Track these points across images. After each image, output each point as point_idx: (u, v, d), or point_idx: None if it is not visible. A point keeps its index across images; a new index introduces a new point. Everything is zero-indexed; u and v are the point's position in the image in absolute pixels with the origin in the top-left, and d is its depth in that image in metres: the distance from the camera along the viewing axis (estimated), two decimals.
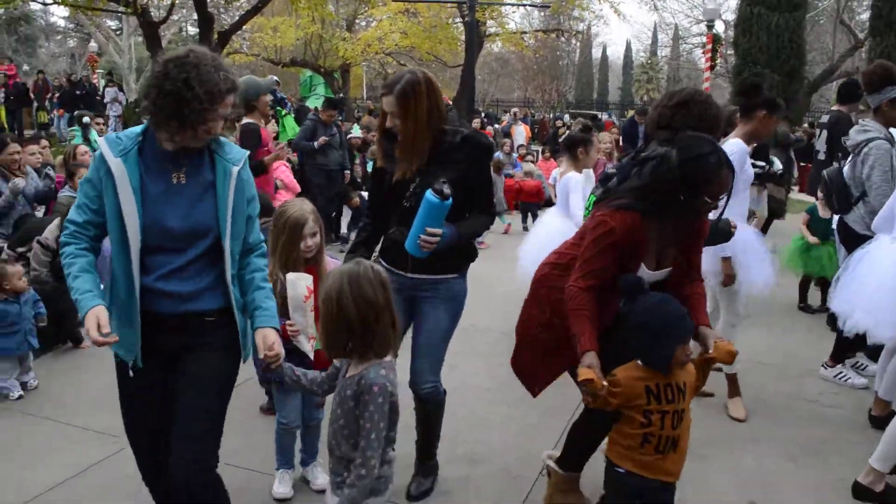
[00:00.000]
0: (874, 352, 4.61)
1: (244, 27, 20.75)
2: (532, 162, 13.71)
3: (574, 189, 5.24)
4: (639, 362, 2.62)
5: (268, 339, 2.45)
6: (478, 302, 3.31)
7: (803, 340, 5.89)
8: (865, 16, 19.60)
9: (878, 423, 4.07)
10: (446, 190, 2.85)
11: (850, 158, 4.77)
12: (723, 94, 21.87)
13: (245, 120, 5.84)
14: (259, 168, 5.40)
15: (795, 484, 3.65)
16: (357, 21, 30.17)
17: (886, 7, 12.66)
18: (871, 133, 4.52)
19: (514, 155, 13.61)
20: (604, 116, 27.59)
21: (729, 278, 4.21)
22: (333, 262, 3.34)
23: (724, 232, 3.69)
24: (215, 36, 16.50)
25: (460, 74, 22.64)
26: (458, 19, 24.36)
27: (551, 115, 30.91)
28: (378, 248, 3.38)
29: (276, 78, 16.28)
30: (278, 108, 12.65)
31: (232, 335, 2.54)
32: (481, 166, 3.19)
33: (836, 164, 5.08)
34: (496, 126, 20.59)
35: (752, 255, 4.27)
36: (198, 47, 2.39)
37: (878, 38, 12.90)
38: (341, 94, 26.56)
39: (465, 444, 3.88)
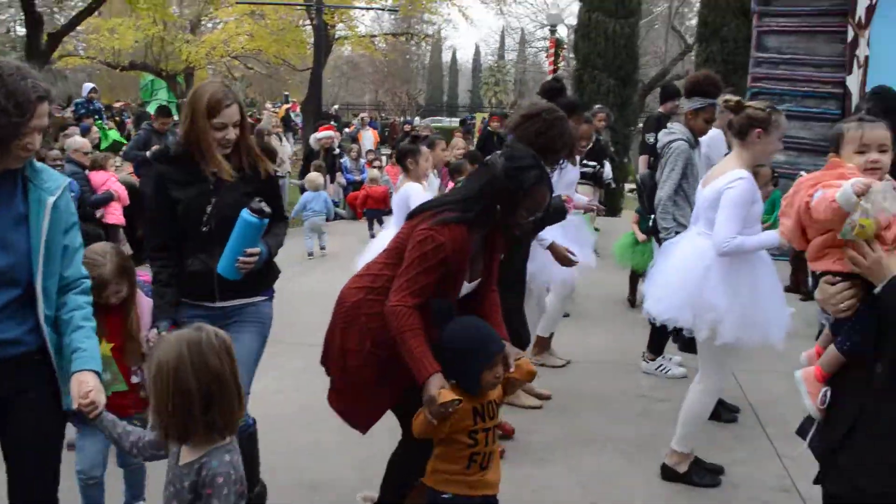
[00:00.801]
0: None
1: (78, 28, 19.51)
2: (379, 168, 13.62)
3: (415, 200, 5.00)
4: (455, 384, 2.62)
5: (84, 385, 2.21)
6: (320, 318, 3.18)
7: (638, 335, 6.02)
8: (695, 22, 20.91)
9: None
10: (266, 209, 2.82)
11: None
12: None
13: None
14: None
15: (631, 480, 3.81)
16: (202, 23, 29.08)
17: (711, 15, 13.47)
18: (674, 135, 4.75)
19: (362, 161, 13.54)
20: (452, 120, 27.98)
21: (566, 259, 4.40)
22: (146, 299, 3.07)
23: (559, 209, 3.74)
24: (45, 38, 15.43)
25: (309, 78, 22.29)
26: (306, 22, 23.97)
27: (401, 119, 31.11)
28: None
29: (91, 85, 15.37)
30: (96, 118, 12.07)
31: (51, 383, 2.33)
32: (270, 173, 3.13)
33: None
34: (345, 131, 20.46)
35: (573, 244, 4.50)
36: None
37: (704, 44, 13.72)
38: (184, 99, 25.46)
39: (305, 471, 3.74)
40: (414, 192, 5.09)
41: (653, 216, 5.05)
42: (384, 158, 15.83)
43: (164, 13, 17.36)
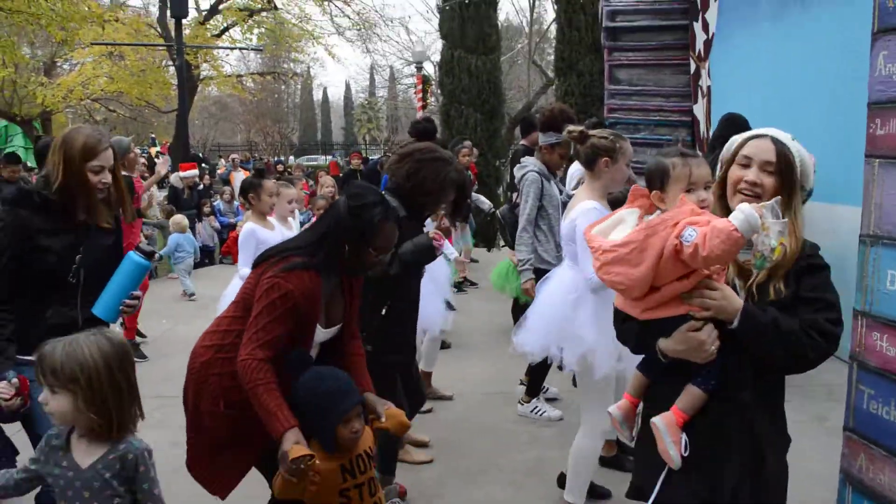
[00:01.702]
0: None
1: None
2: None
3: (258, 238, 4.73)
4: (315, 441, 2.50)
5: None
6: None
7: (521, 364, 6.24)
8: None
9: None
10: (155, 250, 2.84)
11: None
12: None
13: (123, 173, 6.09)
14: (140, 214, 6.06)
15: None
16: (57, 64, 27.83)
17: (567, 51, 14.13)
18: (526, 168, 4.84)
19: (236, 203, 13.30)
20: (328, 158, 27.90)
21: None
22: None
23: (425, 247, 3.44)
24: None
25: (175, 120, 21.71)
26: (169, 62, 23.40)
27: (274, 158, 30.72)
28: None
29: None
30: None
31: None
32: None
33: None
34: (217, 172, 20.02)
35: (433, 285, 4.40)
36: None
37: (563, 79, 14.36)
38: (42, 144, 24.18)
39: None
40: (257, 230, 4.76)
41: None
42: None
43: (15, 55, 16.52)
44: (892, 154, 3.73)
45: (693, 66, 8.81)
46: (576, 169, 7.76)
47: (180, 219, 9.66)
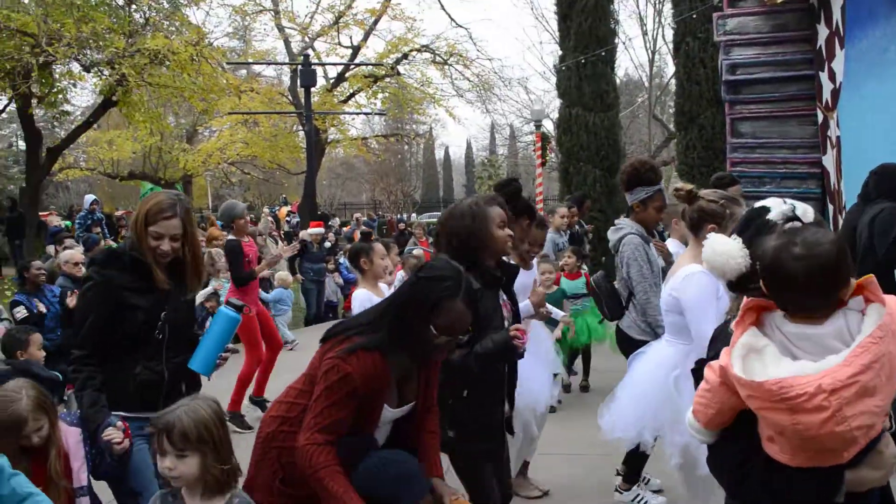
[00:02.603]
0: None
1: (78, 141, 20.07)
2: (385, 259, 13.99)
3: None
4: None
5: None
6: None
7: None
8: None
9: None
10: (245, 304, 3.03)
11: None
12: (556, 188, 23.14)
13: (228, 237, 6.83)
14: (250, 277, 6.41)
15: None
16: (198, 132, 29.92)
17: (687, 104, 13.92)
18: (623, 230, 4.37)
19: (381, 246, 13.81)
20: None
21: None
22: (72, 429, 2.77)
23: (501, 346, 2.92)
24: (44, 152, 15.87)
25: (304, 180, 22.76)
26: (298, 127, 24.65)
27: (397, 216, 31.54)
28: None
29: (93, 197, 15.80)
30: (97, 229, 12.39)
31: None
32: None
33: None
34: (343, 230, 20.74)
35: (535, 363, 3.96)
36: None
37: (683, 132, 14.12)
38: None
39: None
40: (373, 297, 4.35)
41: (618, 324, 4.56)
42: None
43: (161, 124, 17.88)
44: None
45: (821, 117, 8.47)
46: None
47: (285, 275, 10.34)
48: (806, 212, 2.01)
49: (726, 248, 1.97)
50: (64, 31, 12.35)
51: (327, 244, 13.55)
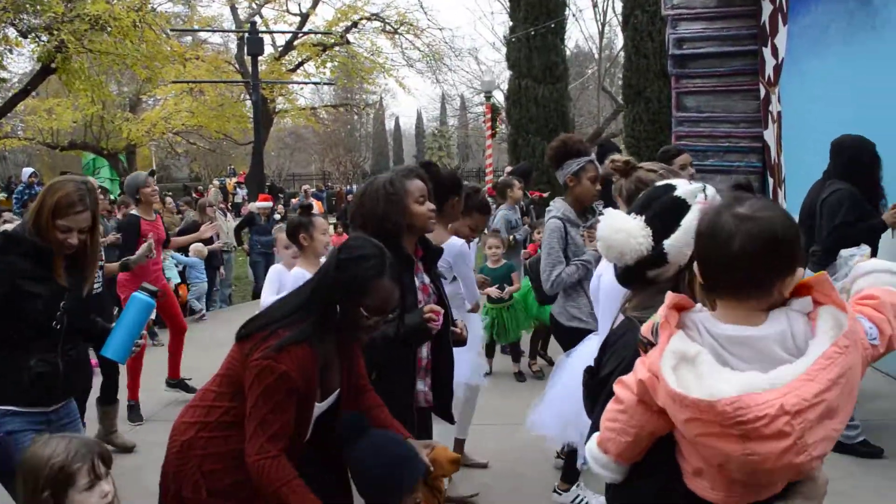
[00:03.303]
0: None
1: (16, 109, 19.40)
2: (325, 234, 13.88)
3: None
4: None
5: None
6: None
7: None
8: None
9: None
10: (158, 290, 2.97)
11: None
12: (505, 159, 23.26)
13: (130, 211, 6.22)
14: (124, 267, 5.43)
15: None
16: (142, 100, 29.17)
17: (635, 77, 14.10)
18: (550, 213, 4.15)
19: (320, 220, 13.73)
20: None
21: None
22: None
23: (415, 329, 2.81)
24: None
25: (252, 151, 22.43)
26: (246, 97, 24.23)
27: (346, 187, 31.36)
28: None
29: (31, 170, 15.36)
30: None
31: None
32: None
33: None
34: (292, 201, 20.57)
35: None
36: None
37: (630, 106, 14.30)
38: (126, 177, 25.34)
39: None
40: (300, 277, 3.97)
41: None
42: (330, 228, 15.94)
43: (103, 93, 17.35)
44: None
45: (763, 92, 8.67)
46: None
47: (199, 247, 9.86)
48: (715, 195, 1.79)
49: (627, 226, 1.77)
50: None
51: (276, 216, 13.45)
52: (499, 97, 23.14)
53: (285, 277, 4.33)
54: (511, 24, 16.35)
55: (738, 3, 8.78)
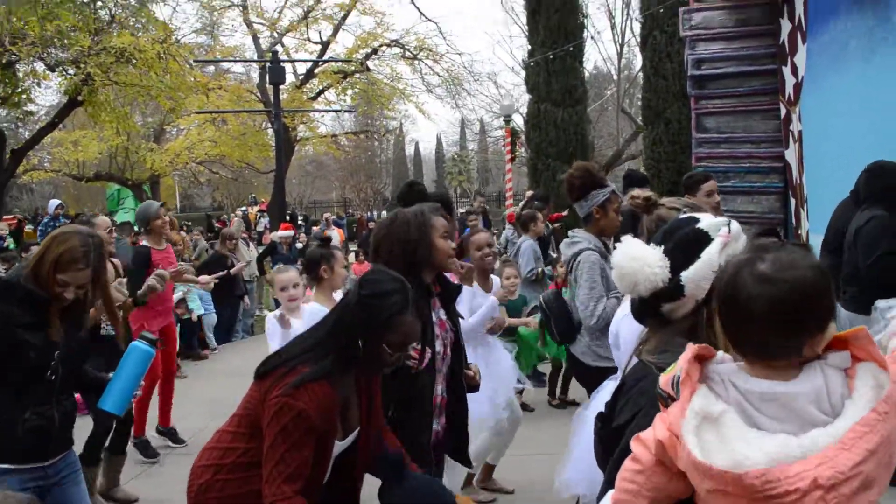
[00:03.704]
0: None
1: (42, 142, 19.77)
2: (345, 267, 13.83)
3: None
4: None
5: None
6: None
7: None
8: None
9: None
10: (159, 339, 2.93)
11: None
12: (525, 183, 23.30)
13: (142, 242, 6.09)
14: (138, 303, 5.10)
15: None
16: (165, 131, 29.62)
17: (654, 99, 14.08)
18: (579, 244, 3.87)
19: (340, 253, 13.75)
20: None
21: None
22: None
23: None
24: (8, 154, 15.61)
25: (273, 180, 22.65)
26: (267, 125, 24.51)
27: (367, 214, 31.51)
28: None
29: (58, 202, 15.58)
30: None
31: None
32: None
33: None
34: (313, 229, 20.69)
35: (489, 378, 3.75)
36: None
37: (650, 127, 14.28)
38: None
39: None
40: (318, 313, 3.85)
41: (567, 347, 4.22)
42: (352, 256, 15.99)
43: (127, 124, 17.66)
44: None
45: (784, 111, 8.63)
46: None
47: (206, 278, 9.62)
48: (740, 231, 1.73)
49: (643, 254, 1.69)
50: (28, 30, 12.17)
51: (298, 245, 13.52)
52: (518, 121, 23.23)
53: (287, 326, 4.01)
54: (529, 47, 16.47)
55: (757, 22, 8.78)
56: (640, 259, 1.67)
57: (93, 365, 3.13)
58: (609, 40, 25.57)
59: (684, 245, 1.68)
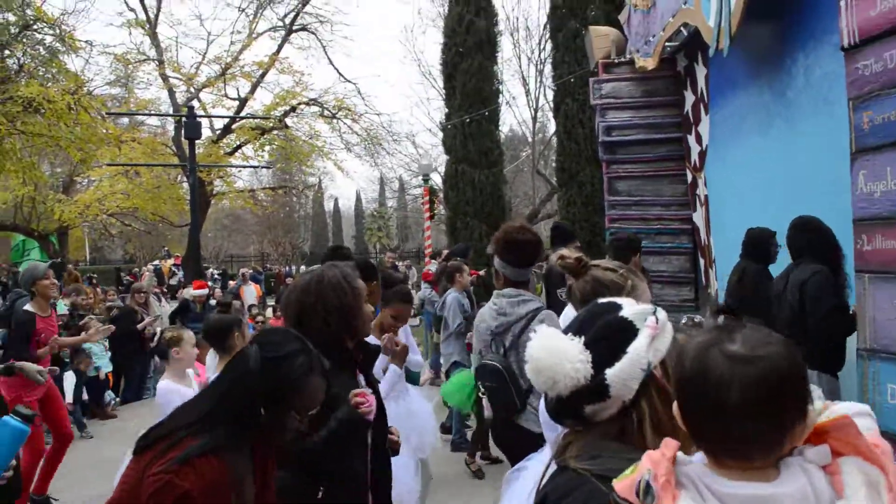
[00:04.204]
0: None
1: None
2: (262, 322, 13.52)
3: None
4: None
5: None
6: None
7: None
8: None
9: None
10: (36, 413, 2.62)
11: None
12: (444, 240, 23.49)
13: (24, 307, 5.56)
14: (7, 371, 4.75)
15: None
16: (76, 181, 28.70)
17: (567, 162, 14.51)
18: (533, 302, 3.73)
19: (245, 317, 13.38)
20: None
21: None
22: None
23: (351, 423, 2.57)
24: None
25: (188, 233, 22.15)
26: (183, 178, 24.05)
27: (286, 268, 31.09)
28: None
29: None
30: None
31: None
32: None
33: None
34: (230, 284, 20.26)
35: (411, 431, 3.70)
36: None
37: (564, 189, 14.66)
38: (59, 259, 24.73)
39: None
40: (181, 391, 3.95)
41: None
42: (269, 311, 15.70)
43: (35, 174, 17.06)
44: (881, 269, 3.79)
45: (690, 176, 9.03)
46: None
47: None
48: (666, 322, 1.53)
49: (562, 347, 1.47)
50: None
51: (212, 301, 13.13)
52: (437, 179, 23.51)
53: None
54: (447, 110, 16.80)
55: (663, 93, 9.21)
56: (558, 353, 1.46)
57: None
58: (524, 105, 26.28)
59: (607, 336, 1.48)
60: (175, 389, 4.00)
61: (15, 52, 14.50)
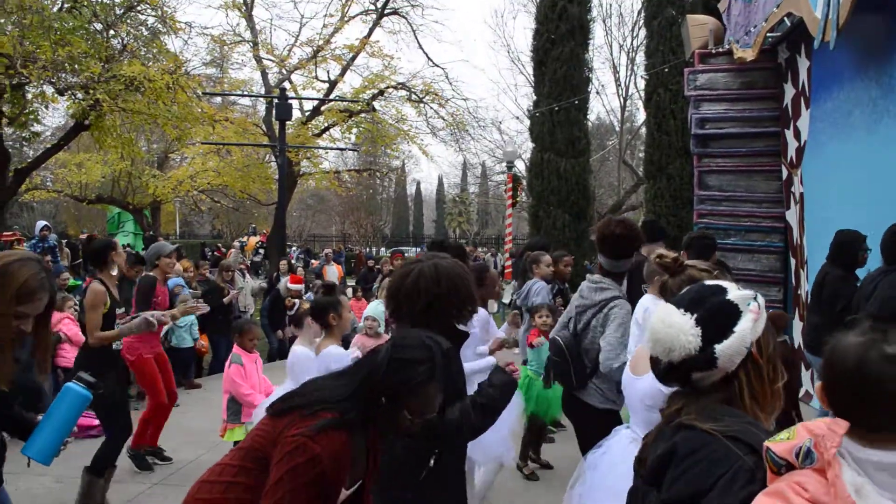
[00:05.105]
0: None
1: (46, 162, 19.83)
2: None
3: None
4: None
5: None
6: None
7: None
8: None
9: None
10: (98, 382, 2.62)
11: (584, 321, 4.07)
12: (525, 228, 23.37)
13: (146, 272, 6.56)
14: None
15: None
16: (169, 158, 29.75)
17: (657, 154, 14.19)
18: (610, 291, 3.98)
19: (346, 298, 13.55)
20: (418, 250, 28.47)
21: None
22: None
23: (509, 385, 2.82)
24: (11, 172, 15.64)
25: (274, 212, 22.68)
26: (271, 158, 24.61)
27: (366, 250, 31.54)
28: None
29: (44, 223, 15.50)
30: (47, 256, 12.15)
31: None
32: None
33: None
34: (311, 263, 20.67)
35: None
36: None
37: (652, 181, 14.36)
38: (151, 232, 25.75)
39: None
40: (335, 358, 4.12)
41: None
42: (349, 291, 15.93)
43: (132, 150, 17.68)
44: None
45: (785, 173, 8.70)
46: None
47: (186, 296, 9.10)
48: (764, 304, 1.79)
49: (679, 321, 1.72)
50: (39, 54, 12.25)
51: (295, 302, 12.79)
52: (520, 166, 23.38)
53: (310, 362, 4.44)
54: (535, 98, 16.65)
55: (761, 85, 8.90)
56: (675, 326, 1.72)
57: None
58: (612, 93, 25.87)
59: (715, 316, 1.73)
60: (309, 355, 4.59)
61: (119, 32, 15.04)
